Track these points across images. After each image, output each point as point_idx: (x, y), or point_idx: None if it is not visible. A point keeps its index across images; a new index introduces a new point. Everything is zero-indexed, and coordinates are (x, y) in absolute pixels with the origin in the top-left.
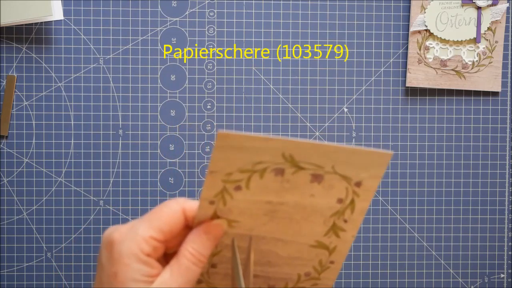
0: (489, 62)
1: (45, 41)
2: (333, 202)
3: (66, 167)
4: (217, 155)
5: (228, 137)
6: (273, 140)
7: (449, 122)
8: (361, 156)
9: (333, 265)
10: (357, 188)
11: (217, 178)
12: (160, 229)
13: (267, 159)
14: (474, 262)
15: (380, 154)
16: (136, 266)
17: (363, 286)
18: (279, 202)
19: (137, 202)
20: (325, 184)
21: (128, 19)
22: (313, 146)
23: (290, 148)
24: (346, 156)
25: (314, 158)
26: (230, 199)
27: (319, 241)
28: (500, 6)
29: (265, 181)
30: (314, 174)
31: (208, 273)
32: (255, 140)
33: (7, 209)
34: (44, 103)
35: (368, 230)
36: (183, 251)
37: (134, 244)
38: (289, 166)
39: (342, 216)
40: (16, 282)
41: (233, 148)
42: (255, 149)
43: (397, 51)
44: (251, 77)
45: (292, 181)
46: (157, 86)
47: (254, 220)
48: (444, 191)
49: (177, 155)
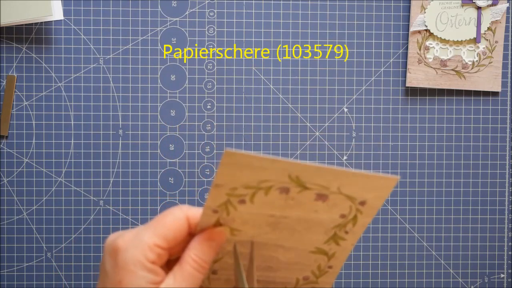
0: (489, 62)
1: (45, 41)
2: (335, 217)
3: (66, 167)
4: (222, 171)
5: (235, 156)
6: (280, 162)
7: (449, 122)
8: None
9: (331, 270)
10: (361, 207)
11: (222, 192)
12: (164, 237)
13: (272, 178)
14: (474, 262)
15: (386, 179)
16: (141, 273)
17: (363, 286)
18: (282, 216)
19: (137, 202)
20: (330, 203)
21: (128, 19)
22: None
23: (296, 170)
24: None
25: (320, 180)
26: (234, 211)
27: (319, 247)
28: (500, 6)
29: (270, 197)
30: (319, 193)
31: (209, 280)
32: (262, 161)
33: (7, 209)
34: (44, 103)
35: (368, 230)
36: (186, 258)
37: (139, 252)
38: (295, 186)
39: (344, 228)
40: (16, 282)
41: (239, 165)
42: (261, 168)
43: (397, 51)
44: (251, 77)
45: (297, 199)
46: (157, 86)
47: (257, 229)
48: (444, 191)
49: (177, 155)
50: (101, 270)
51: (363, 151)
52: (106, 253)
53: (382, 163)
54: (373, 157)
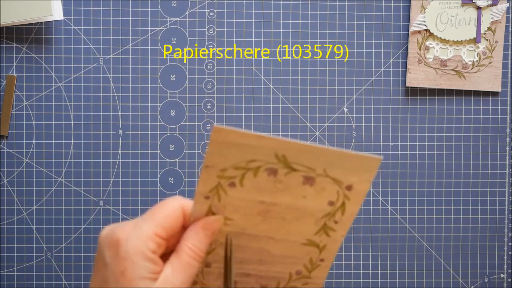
0: (489, 62)
1: (45, 41)
2: (324, 204)
3: (66, 167)
4: (212, 149)
5: (223, 132)
6: (266, 139)
7: (449, 122)
8: (351, 160)
9: (323, 263)
10: (348, 192)
11: (212, 173)
12: (163, 226)
13: (260, 157)
14: (474, 262)
15: (370, 158)
16: (143, 263)
17: (363, 286)
18: (272, 203)
19: (137, 202)
20: (317, 187)
21: (128, 19)
22: (305, 148)
23: (282, 148)
24: (336, 159)
25: (306, 160)
26: (225, 195)
27: (310, 239)
28: (500, 6)
29: (259, 180)
30: (306, 176)
31: (203, 273)
32: (249, 138)
33: (7, 209)
34: (44, 103)
35: (368, 230)
36: (183, 247)
37: (140, 242)
38: (282, 167)
39: (333, 218)
40: (16, 282)
41: (228, 144)
42: (249, 146)
43: (397, 51)
44: (251, 77)
45: (285, 182)
46: (157, 86)
47: (248, 219)
48: (444, 191)
49: (177, 155)
50: (98, 262)
51: (363, 151)
52: (104, 245)
53: (382, 163)
54: None
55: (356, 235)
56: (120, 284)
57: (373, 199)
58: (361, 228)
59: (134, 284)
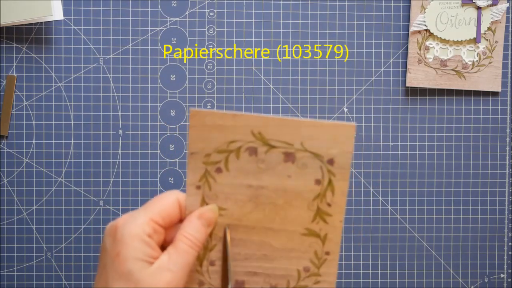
0: (489, 62)
1: (45, 41)
2: (311, 183)
3: (66, 167)
4: (193, 134)
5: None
6: (241, 116)
7: (449, 122)
8: (326, 130)
9: (330, 257)
10: (331, 167)
11: (198, 160)
12: (159, 213)
13: (238, 137)
14: (474, 262)
15: (343, 126)
16: (137, 245)
17: (363, 286)
18: (259, 186)
19: (137, 202)
20: (299, 163)
21: (128, 19)
22: (279, 121)
23: (257, 124)
24: (311, 130)
25: (282, 134)
26: (214, 183)
27: (308, 228)
28: (500, 6)
29: (242, 162)
30: (286, 152)
31: (209, 272)
32: (225, 117)
33: (7, 209)
34: (44, 103)
35: (368, 230)
36: (179, 236)
37: (135, 226)
38: (261, 145)
39: (325, 199)
40: (16, 282)
41: (207, 127)
42: (227, 127)
43: (397, 51)
44: (251, 77)
45: (267, 161)
46: (157, 86)
47: (240, 207)
48: (444, 191)
49: (177, 155)
50: (101, 251)
51: (363, 151)
52: (105, 234)
53: (382, 163)
54: (373, 157)
55: (356, 235)
56: (115, 266)
57: (373, 199)
58: (361, 228)
59: (129, 265)
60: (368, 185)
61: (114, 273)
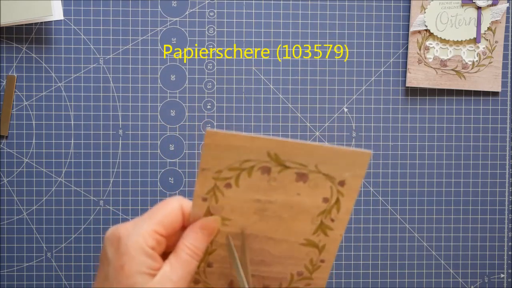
0: (489, 62)
1: (45, 41)
2: (319, 201)
3: (66, 167)
4: (206, 152)
5: (216, 135)
6: (258, 139)
7: (449, 122)
8: (342, 156)
9: (324, 264)
10: (341, 188)
11: (208, 176)
12: (162, 224)
13: (253, 157)
14: (474, 262)
15: (360, 153)
16: (141, 258)
17: (363, 286)
18: (267, 201)
19: (137, 202)
20: (310, 183)
21: (128, 19)
22: (296, 145)
23: (274, 147)
24: (327, 155)
25: (298, 157)
26: (222, 197)
27: (308, 239)
28: (500, 6)
29: (253, 179)
30: (299, 173)
31: (205, 273)
32: (242, 139)
33: (7, 209)
34: (44, 103)
35: (368, 230)
36: (181, 246)
37: (140, 238)
38: (275, 165)
39: (329, 215)
40: (16, 282)
41: (221, 146)
42: (242, 148)
43: (397, 51)
44: (251, 77)
45: (279, 180)
46: (157, 86)
47: (245, 218)
48: (444, 191)
49: (177, 155)
50: (102, 259)
51: None
52: (107, 243)
53: (382, 163)
54: (373, 157)
55: (356, 235)
56: (119, 279)
57: (373, 199)
58: (361, 228)
59: (132, 279)
60: (368, 185)
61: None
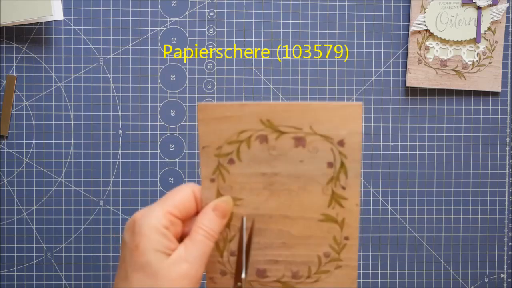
0: (489, 62)
1: (45, 41)
2: (323, 166)
3: (66, 167)
4: (203, 128)
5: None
6: (248, 106)
7: (449, 122)
8: (333, 111)
9: (349, 242)
10: (342, 148)
11: (210, 153)
12: (175, 206)
13: (248, 127)
14: (474, 262)
15: (351, 105)
16: (155, 237)
17: (363, 286)
18: (273, 173)
19: (137, 202)
20: (310, 147)
21: (128, 19)
22: (286, 107)
23: (265, 112)
24: (318, 113)
25: (290, 119)
26: (228, 174)
27: (325, 213)
28: (500, 6)
29: (253, 150)
30: (296, 137)
31: (230, 262)
32: (233, 108)
33: (7, 209)
34: (44, 103)
35: (368, 230)
36: (195, 228)
37: (153, 218)
38: (271, 132)
39: (338, 182)
40: (16, 282)
41: (216, 119)
42: (235, 117)
43: (397, 51)
44: (251, 77)
45: (278, 148)
46: (157, 86)
47: (256, 195)
48: (444, 191)
49: (177, 155)
50: (121, 245)
51: (363, 151)
52: (125, 229)
53: (382, 163)
54: (373, 157)
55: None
56: (134, 257)
57: (373, 199)
58: (361, 228)
59: (146, 256)
60: (368, 185)
61: (133, 265)
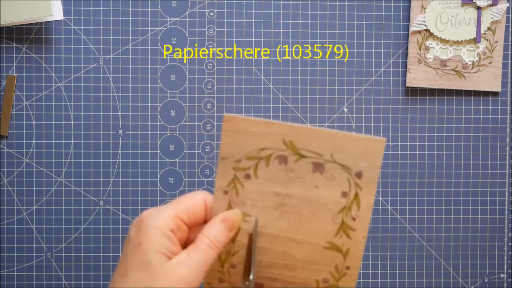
0: (489, 62)
1: (45, 41)
2: (337, 195)
3: (66, 167)
4: (225, 139)
5: (234, 120)
6: (274, 124)
7: (449, 122)
8: (356, 143)
9: (350, 272)
10: (359, 180)
11: (228, 166)
12: (184, 211)
13: (270, 145)
14: (474, 262)
15: (374, 140)
16: (159, 238)
17: (363, 286)
18: (286, 194)
19: (137, 202)
20: (327, 175)
21: (128, 19)
22: (310, 132)
23: (289, 133)
24: (341, 142)
25: (313, 145)
26: (242, 189)
27: (331, 242)
28: (500, 6)
29: (271, 169)
30: (315, 162)
31: (229, 273)
32: (258, 124)
33: (7, 209)
34: (44, 103)
35: (368, 230)
36: (200, 236)
37: (160, 219)
38: (291, 154)
39: (350, 213)
40: (16, 282)
41: (239, 133)
42: (259, 134)
43: (397, 51)
44: (251, 77)
45: (296, 170)
46: (157, 86)
47: (266, 214)
48: (444, 191)
49: (177, 155)
50: (125, 240)
51: None
52: (131, 226)
53: (382, 163)
54: None
55: None
56: (136, 256)
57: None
58: None
59: (147, 256)
60: None
61: (134, 262)
